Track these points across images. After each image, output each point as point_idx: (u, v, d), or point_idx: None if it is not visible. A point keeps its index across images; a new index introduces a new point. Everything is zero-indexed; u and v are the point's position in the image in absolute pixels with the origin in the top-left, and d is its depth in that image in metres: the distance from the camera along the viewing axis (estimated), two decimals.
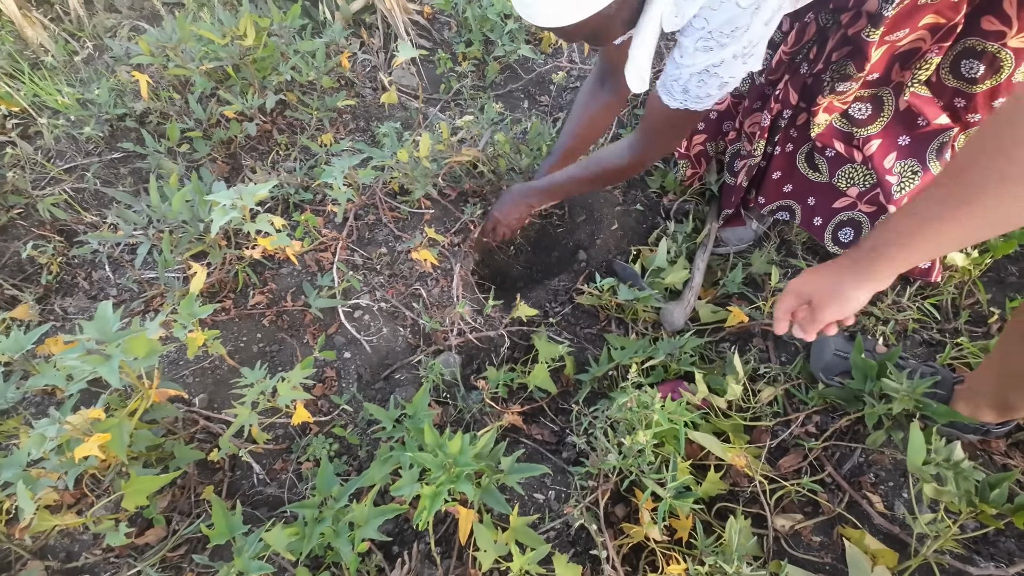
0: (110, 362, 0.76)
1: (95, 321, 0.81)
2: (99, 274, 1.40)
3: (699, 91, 0.91)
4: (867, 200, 1.14)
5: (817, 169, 1.20)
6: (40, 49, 1.88)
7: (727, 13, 0.79)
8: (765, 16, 0.81)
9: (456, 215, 1.49)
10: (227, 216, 0.97)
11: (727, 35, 0.82)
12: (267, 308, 1.30)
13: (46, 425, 0.74)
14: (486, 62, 2.02)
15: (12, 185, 1.41)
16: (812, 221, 1.26)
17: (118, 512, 0.97)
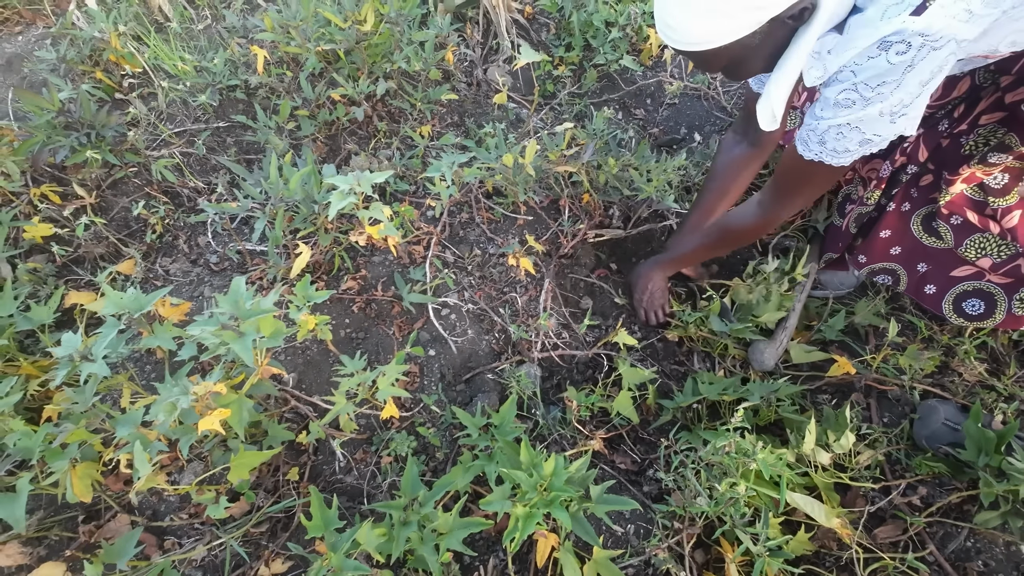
0: (243, 340, 0.77)
1: (229, 296, 0.82)
2: (201, 240, 1.43)
3: (837, 144, 0.85)
4: (1003, 272, 1.06)
5: (936, 235, 1.11)
6: (160, 14, 1.95)
7: (876, 67, 0.74)
8: (922, 76, 0.74)
9: (548, 223, 1.46)
10: (345, 200, 0.97)
11: (873, 90, 0.76)
12: (357, 295, 1.31)
13: (178, 394, 0.76)
14: (584, 68, 1.99)
15: (131, 143, 1.47)
16: (922, 289, 1.16)
17: (208, 481, 0.99)
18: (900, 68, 0.72)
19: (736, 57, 0.82)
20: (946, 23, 0.69)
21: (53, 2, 2.09)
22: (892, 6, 0.72)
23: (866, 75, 0.75)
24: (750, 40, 0.78)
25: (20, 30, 2.04)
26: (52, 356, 1.21)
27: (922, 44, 0.70)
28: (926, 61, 0.72)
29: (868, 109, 0.77)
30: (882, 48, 0.72)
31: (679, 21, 0.78)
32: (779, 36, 0.80)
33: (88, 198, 1.46)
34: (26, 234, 1.36)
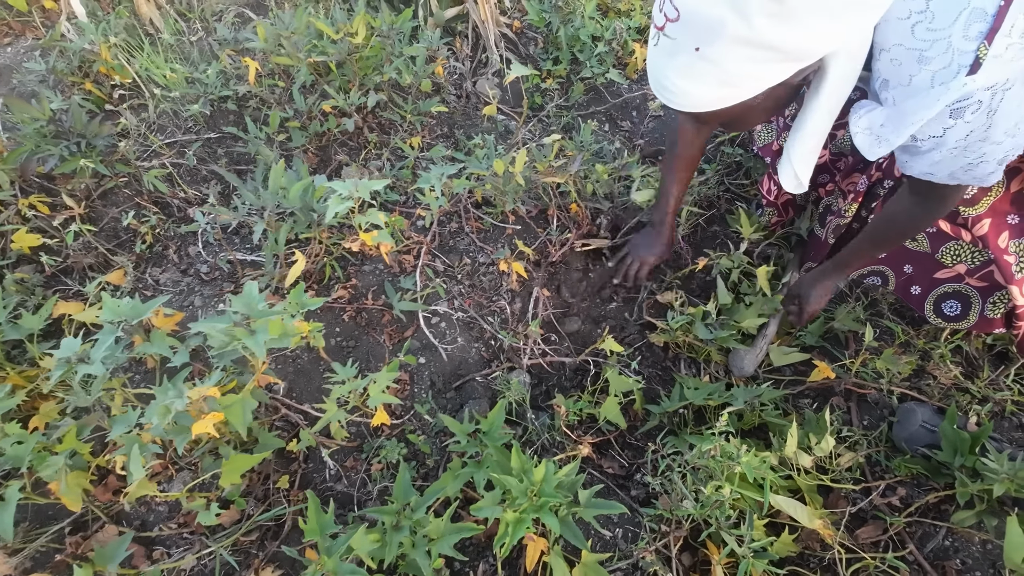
0: (256, 336, 0.78)
1: (243, 297, 0.83)
2: (192, 250, 1.44)
3: (968, 175, 0.79)
4: (978, 276, 1.10)
5: (916, 240, 1.16)
6: (151, 26, 1.96)
7: (959, 131, 0.70)
8: (1010, 108, 0.68)
9: (537, 233, 1.49)
10: (343, 205, 0.99)
11: (967, 147, 0.72)
12: (348, 304, 1.32)
13: (173, 397, 0.76)
14: (571, 81, 2.03)
15: (121, 154, 1.47)
16: (909, 289, 1.21)
17: (199, 489, 0.99)
18: (983, 117, 0.69)
19: (735, 115, 0.80)
20: (1006, 68, 0.65)
21: (43, 14, 2.09)
22: (941, 71, 0.67)
23: (953, 140, 0.72)
24: (751, 101, 0.76)
25: (9, 41, 2.03)
26: (39, 366, 1.21)
27: (992, 95, 0.67)
28: (1005, 102, 0.68)
29: (980, 150, 0.74)
30: (955, 117, 0.69)
31: (680, 88, 0.75)
32: (782, 95, 0.79)
33: (77, 208, 1.46)
34: (14, 244, 1.35)
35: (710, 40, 0.68)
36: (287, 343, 0.84)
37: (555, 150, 1.36)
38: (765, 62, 0.70)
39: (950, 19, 0.65)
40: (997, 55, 0.63)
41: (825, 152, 1.29)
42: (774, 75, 0.72)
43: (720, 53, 0.69)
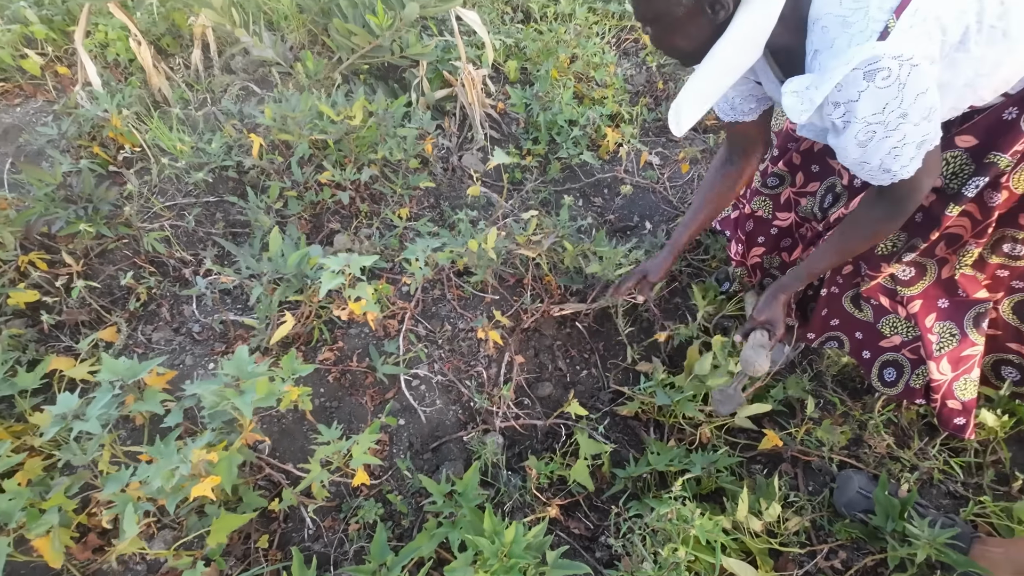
0: (244, 397, 0.86)
1: (234, 360, 0.91)
2: (185, 309, 1.51)
3: (897, 163, 0.86)
4: (910, 349, 1.25)
5: (863, 311, 1.31)
6: (160, 95, 2.10)
7: (873, 98, 0.78)
8: (920, 87, 0.77)
9: (512, 301, 1.61)
10: (336, 281, 1.09)
11: (885, 116, 0.80)
12: (333, 365, 1.40)
13: (178, 461, 0.82)
14: (549, 160, 2.23)
15: (125, 218, 1.56)
16: (861, 353, 1.35)
17: (179, 547, 1.02)
18: (895, 88, 0.77)
19: (668, 25, 0.88)
20: (915, 42, 0.76)
21: (55, 78, 2.22)
22: (858, 34, 0.78)
23: (870, 108, 0.80)
24: (675, 8, 0.85)
25: (19, 102, 2.15)
26: (26, 421, 1.24)
27: (900, 64, 0.75)
28: (912, 76, 0.76)
29: (899, 129, 0.81)
30: (867, 79, 0.77)
31: None
32: (702, 30, 0.88)
33: (76, 266, 1.52)
34: (11, 300, 1.41)
35: None
36: (272, 401, 0.91)
37: (532, 226, 1.51)
38: None
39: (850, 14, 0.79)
40: (903, 29, 0.75)
41: (791, 216, 1.44)
42: None
43: None
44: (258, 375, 0.88)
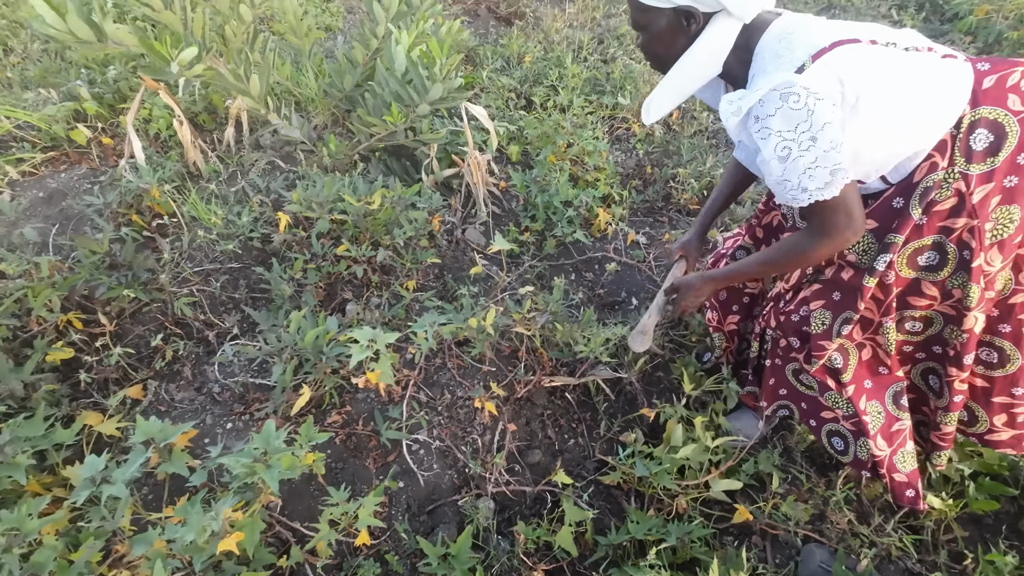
0: (272, 471, 0.98)
1: (263, 435, 1.04)
2: (206, 369, 1.64)
3: (813, 183, 0.98)
4: (851, 423, 1.38)
5: (805, 384, 1.44)
6: (193, 167, 2.32)
7: (786, 117, 0.93)
8: (826, 118, 0.91)
9: (507, 372, 1.75)
10: (364, 354, 1.24)
11: (797, 136, 0.94)
12: (340, 428, 1.52)
13: (209, 519, 0.94)
14: (545, 237, 2.43)
15: (159, 283, 1.72)
16: (808, 421, 1.48)
17: None
18: (804, 113, 0.92)
19: (651, 31, 1.08)
20: (821, 83, 0.92)
21: (99, 147, 2.45)
22: (783, 64, 0.96)
23: (783, 125, 0.94)
24: (658, 21, 1.05)
25: (65, 168, 2.36)
26: (56, 473, 1.34)
27: (808, 95, 0.91)
28: (818, 107, 0.91)
29: (811, 151, 0.94)
30: (782, 99, 0.92)
31: None
32: (676, 41, 1.08)
33: (109, 326, 1.67)
34: (48, 357, 1.54)
35: None
36: (295, 474, 1.03)
37: (528, 305, 1.67)
38: None
39: (800, 41, 0.97)
40: (815, 70, 0.93)
41: (759, 284, 1.60)
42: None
43: None
44: (284, 451, 1.01)
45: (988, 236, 1.07)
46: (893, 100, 0.98)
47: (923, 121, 1.02)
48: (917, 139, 1.03)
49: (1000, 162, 1.01)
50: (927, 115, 1.01)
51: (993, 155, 1.01)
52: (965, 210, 1.05)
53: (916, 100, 1.00)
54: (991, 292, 1.14)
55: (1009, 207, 1.05)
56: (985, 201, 1.04)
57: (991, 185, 1.03)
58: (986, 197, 1.04)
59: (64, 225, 2.03)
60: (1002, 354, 1.23)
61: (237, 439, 1.45)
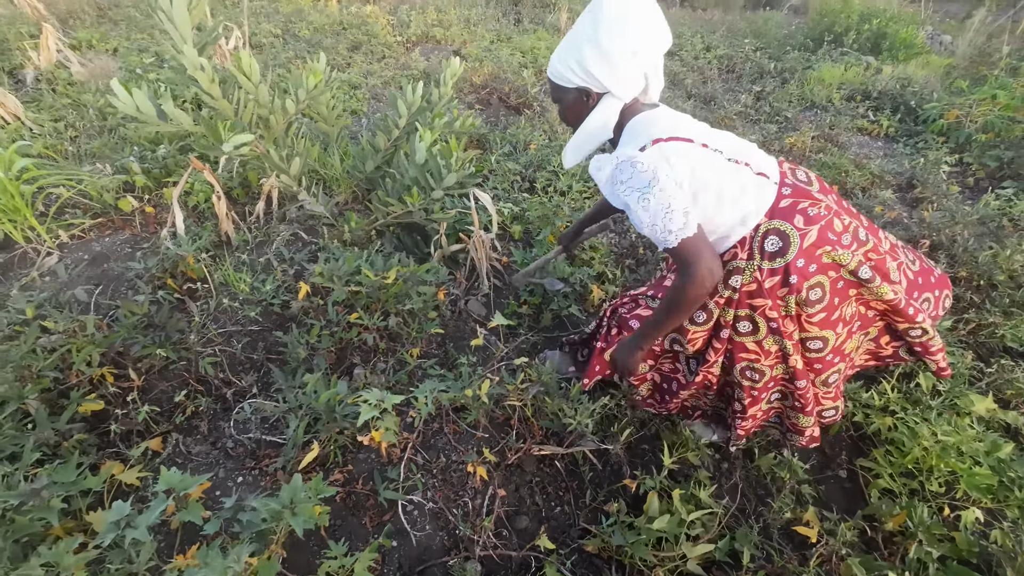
0: (297, 518, 1.10)
1: (290, 488, 1.17)
2: (222, 424, 1.78)
3: (673, 223, 1.22)
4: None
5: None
6: (224, 236, 2.56)
7: (632, 176, 1.23)
8: (656, 183, 1.21)
9: (499, 438, 1.87)
10: (372, 413, 1.38)
11: (640, 189, 1.23)
12: (341, 486, 1.63)
13: (232, 562, 1.05)
14: (542, 311, 2.61)
15: (188, 343, 1.90)
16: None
17: None
18: (650, 174, 1.21)
19: (563, 103, 1.38)
20: (652, 162, 1.21)
21: (141, 215, 2.71)
22: (636, 141, 1.28)
23: (637, 184, 1.23)
24: (568, 93, 1.35)
25: (109, 233, 2.61)
26: (79, 519, 1.45)
27: (648, 164, 1.21)
28: (659, 171, 1.21)
29: (656, 195, 1.21)
30: (632, 167, 1.22)
31: (553, 56, 1.34)
32: (578, 110, 1.37)
33: (137, 380, 1.82)
34: (81, 408, 1.69)
35: (570, 39, 1.29)
36: (310, 524, 1.15)
37: (521, 377, 1.82)
38: (581, 68, 1.28)
39: (648, 129, 1.28)
40: (651, 150, 1.24)
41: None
42: (577, 78, 1.30)
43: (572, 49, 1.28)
44: (308, 502, 1.14)
45: (782, 311, 1.38)
46: (701, 192, 1.27)
47: (724, 217, 1.30)
48: (719, 228, 1.33)
49: (786, 263, 1.31)
50: (727, 213, 1.30)
51: (781, 256, 1.30)
52: (762, 294, 1.36)
53: (719, 200, 1.28)
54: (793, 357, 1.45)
55: (788, 296, 1.35)
56: (773, 289, 1.35)
57: (777, 278, 1.33)
58: (774, 286, 1.34)
59: (106, 286, 2.24)
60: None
61: (248, 492, 1.56)
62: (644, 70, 1.30)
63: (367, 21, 6.28)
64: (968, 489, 1.72)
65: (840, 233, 1.32)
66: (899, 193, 3.77)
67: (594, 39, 1.24)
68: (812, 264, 1.31)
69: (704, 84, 5.50)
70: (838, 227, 1.32)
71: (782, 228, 1.29)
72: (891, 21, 6.31)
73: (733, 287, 1.38)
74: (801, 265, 1.30)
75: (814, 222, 1.29)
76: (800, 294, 1.33)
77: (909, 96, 4.98)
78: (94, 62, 3.95)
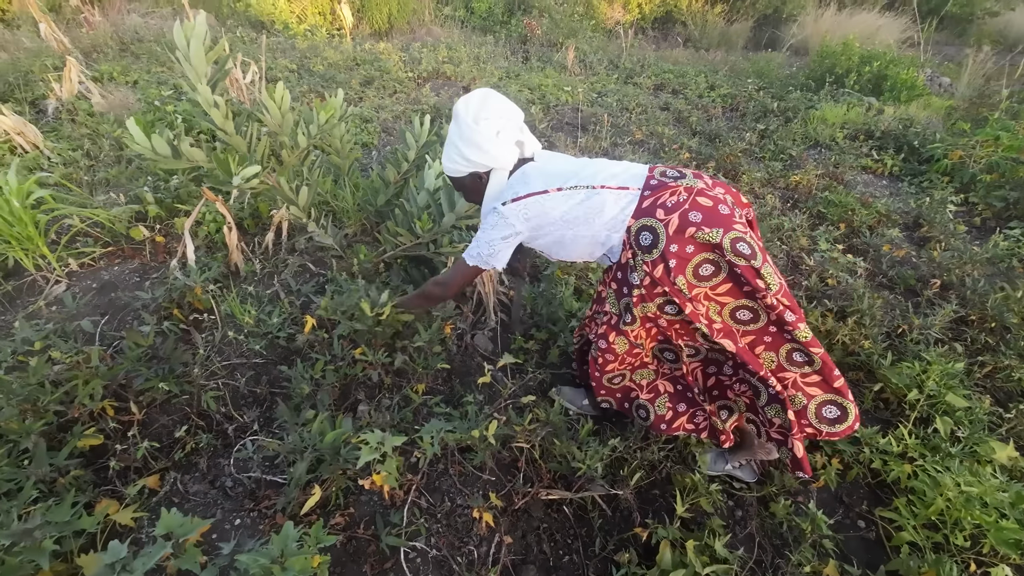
0: (287, 573, 1.05)
1: (280, 538, 1.12)
2: (221, 462, 1.73)
3: (476, 250, 1.62)
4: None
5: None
6: (233, 266, 2.56)
7: (489, 219, 1.60)
8: (503, 232, 1.58)
9: (506, 481, 1.81)
10: (373, 455, 1.34)
11: (484, 229, 1.61)
12: (342, 531, 1.57)
13: None
14: (549, 345, 2.58)
15: (192, 377, 1.87)
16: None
17: None
18: (494, 221, 1.57)
19: (463, 187, 1.70)
20: (511, 214, 1.55)
21: (151, 244, 2.73)
22: (504, 195, 1.58)
23: (487, 223, 1.59)
24: (464, 180, 1.66)
25: (118, 262, 2.62)
26: (70, 561, 1.40)
27: (501, 218, 1.56)
28: (500, 225, 1.57)
29: (490, 233, 1.58)
30: (496, 212, 1.56)
31: (442, 160, 1.66)
32: (478, 187, 1.65)
33: (138, 414, 1.79)
34: (81, 443, 1.65)
35: (448, 142, 1.61)
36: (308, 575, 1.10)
37: (529, 418, 1.78)
38: (464, 159, 1.59)
39: (512, 188, 1.58)
40: (508, 207, 1.56)
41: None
42: (465, 167, 1.61)
43: (452, 149, 1.60)
44: (298, 554, 1.09)
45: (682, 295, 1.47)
46: (547, 225, 1.57)
47: (585, 231, 1.54)
48: (589, 243, 1.57)
49: (660, 251, 1.45)
50: (585, 229, 1.54)
51: (655, 248, 1.46)
52: (658, 283, 1.47)
53: (567, 224, 1.55)
54: (717, 324, 1.53)
55: (677, 277, 1.46)
56: (664, 277, 1.46)
57: (661, 266, 1.46)
58: (663, 276, 1.46)
59: (112, 315, 2.23)
60: None
61: (245, 535, 1.51)
62: (512, 140, 1.60)
63: (380, 57, 6.46)
64: (996, 544, 1.65)
65: (707, 210, 1.44)
66: (906, 232, 3.76)
67: (464, 136, 1.55)
68: (688, 246, 1.44)
69: (708, 122, 5.59)
70: (705, 203, 1.45)
71: (648, 223, 1.47)
72: (891, 63, 6.44)
73: (635, 284, 1.51)
74: (675, 250, 1.44)
75: (673, 210, 1.45)
76: (682, 275, 1.46)
77: (912, 136, 5.04)
78: (114, 94, 4.05)
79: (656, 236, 1.46)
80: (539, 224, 1.57)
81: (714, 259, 1.45)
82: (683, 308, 1.48)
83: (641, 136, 5.12)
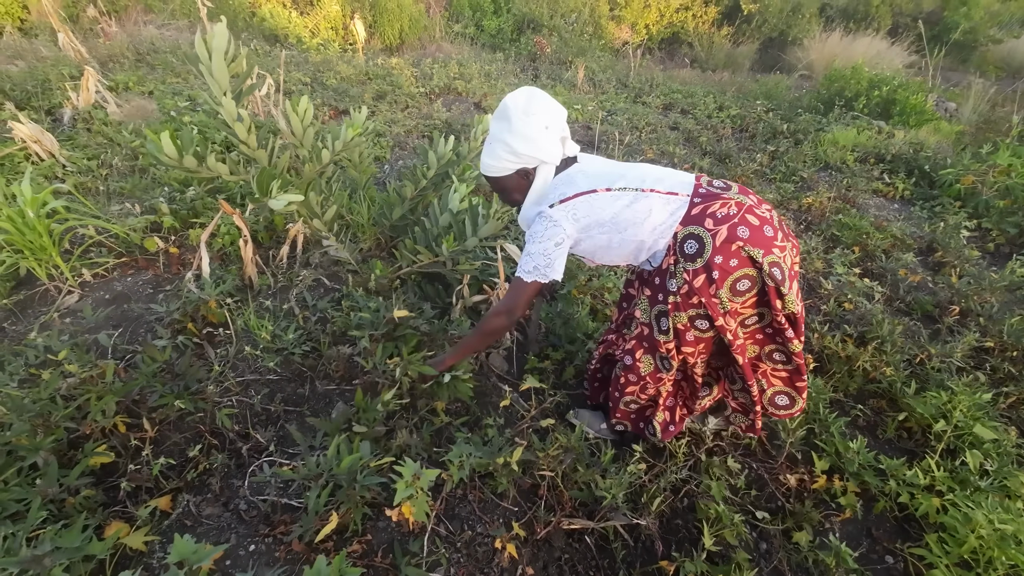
0: None
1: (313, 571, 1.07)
2: (235, 483, 1.68)
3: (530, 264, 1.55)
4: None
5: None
6: (248, 280, 2.53)
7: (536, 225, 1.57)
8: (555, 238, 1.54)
9: (527, 508, 1.76)
10: (408, 492, 1.29)
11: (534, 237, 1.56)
12: (359, 559, 1.51)
13: None
14: (565, 365, 2.54)
15: (206, 394, 1.83)
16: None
17: None
18: (544, 227, 1.54)
19: (502, 187, 1.64)
20: (561, 217, 1.52)
21: (165, 256, 2.70)
22: (550, 197, 1.56)
23: (537, 228, 1.55)
24: (509, 179, 1.60)
25: (132, 273, 2.59)
26: None
27: (551, 222, 1.52)
28: (552, 229, 1.52)
29: (540, 245, 1.53)
30: (542, 216, 1.54)
31: (482, 156, 1.60)
32: (522, 185, 1.61)
33: (151, 431, 1.74)
34: (91, 461, 1.60)
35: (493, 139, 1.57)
36: None
37: (554, 445, 1.73)
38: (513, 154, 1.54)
39: (560, 188, 1.56)
40: (557, 209, 1.54)
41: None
42: (513, 164, 1.57)
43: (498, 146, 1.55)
44: None
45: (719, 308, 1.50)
46: (595, 227, 1.54)
47: (631, 236, 1.54)
48: (635, 247, 1.56)
49: (705, 261, 1.46)
50: (633, 233, 1.53)
51: (700, 257, 1.46)
52: (694, 295, 1.49)
53: (616, 227, 1.53)
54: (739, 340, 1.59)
55: (719, 290, 1.48)
56: (704, 288, 1.48)
57: (703, 277, 1.47)
58: (703, 285, 1.48)
59: (125, 327, 2.20)
60: None
61: (262, 563, 1.46)
62: (558, 136, 1.58)
63: (392, 72, 6.51)
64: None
65: (755, 229, 1.44)
66: (920, 256, 3.74)
67: (514, 129, 1.52)
68: (732, 259, 1.44)
69: (719, 142, 5.61)
70: (754, 221, 1.45)
71: (695, 231, 1.47)
72: (900, 88, 6.49)
73: (671, 291, 1.53)
74: (720, 261, 1.45)
75: (723, 222, 1.45)
76: (723, 289, 1.47)
77: (923, 160, 5.04)
78: (130, 103, 4.06)
79: (702, 245, 1.46)
80: (587, 225, 1.54)
81: (753, 275, 1.47)
82: (715, 320, 1.51)
83: (652, 155, 5.13)
